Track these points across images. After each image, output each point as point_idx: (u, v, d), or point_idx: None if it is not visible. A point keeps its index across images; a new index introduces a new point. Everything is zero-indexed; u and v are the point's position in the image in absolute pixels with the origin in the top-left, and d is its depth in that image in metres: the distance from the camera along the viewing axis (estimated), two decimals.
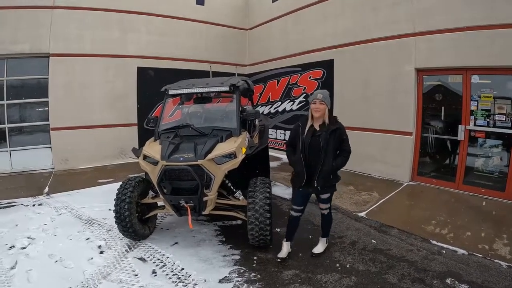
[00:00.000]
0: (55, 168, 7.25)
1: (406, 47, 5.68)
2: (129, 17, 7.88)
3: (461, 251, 3.85)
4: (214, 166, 3.76)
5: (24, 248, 4.16)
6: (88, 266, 3.72)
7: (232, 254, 3.96)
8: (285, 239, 3.83)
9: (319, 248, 3.92)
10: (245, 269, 3.63)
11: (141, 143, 7.98)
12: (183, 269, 3.65)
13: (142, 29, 8.09)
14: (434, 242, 4.10)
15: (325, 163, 3.39)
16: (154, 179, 3.91)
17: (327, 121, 3.42)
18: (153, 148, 4.09)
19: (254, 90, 5.45)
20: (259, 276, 3.46)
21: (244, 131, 4.45)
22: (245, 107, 5.00)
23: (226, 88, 4.43)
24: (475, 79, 5.17)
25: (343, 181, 6.14)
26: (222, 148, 3.89)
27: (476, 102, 5.21)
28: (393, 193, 5.56)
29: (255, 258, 3.82)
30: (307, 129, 3.47)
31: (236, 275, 3.49)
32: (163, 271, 3.63)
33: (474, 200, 4.98)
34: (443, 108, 5.67)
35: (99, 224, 4.88)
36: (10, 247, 4.19)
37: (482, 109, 5.17)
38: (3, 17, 6.65)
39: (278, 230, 4.50)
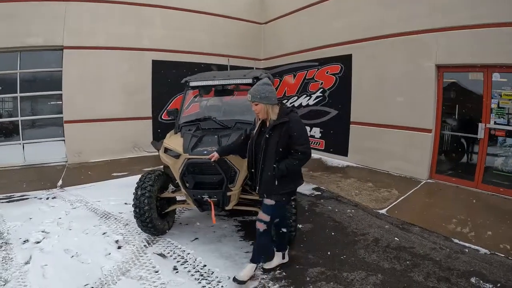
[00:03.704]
0: (68, 161, 6.94)
1: (426, 43, 5.36)
2: (143, 10, 7.52)
3: (483, 250, 3.68)
4: (239, 160, 3.48)
5: (38, 242, 3.89)
6: (106, 262, 3.46)
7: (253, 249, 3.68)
8: (250, 260, 3.17)
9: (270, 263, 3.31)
10: None
11: (155, 136, 7.73)
12: (205, 265, 3.39)
13: (157, 22, 7.73)
14: (456, 240, 3.92)
15: (265, 166, 2.82)
16: (175, 172, 3.63)
17: (272, 117, 2.80)
18: (174, 141, 3.81)
19: (274, 83, 5.16)
20: (284, 273, 3.24)
21: None
22: None
23: (249, 81, 4.13)
24: (496, 77, 4.88)
25: (361, 177, 6.08)
26: None
27: (497, 100, 4.92)
28: (412, 190, 5.27)
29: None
30: (257, 125, 2.96)
31: (261, 272, 3.25)
32: (185, 267, 3.37)
33: (493, 199, 4.71)
34: (463, 105, 5.38)
35: (116, 218, 4.60)
36: (24, 241, 3.92)
37: (503, 107, 4.88)
38: (16, 9, 6.34)
39: (300, 226, 4.22)
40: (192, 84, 4.26)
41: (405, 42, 5.68)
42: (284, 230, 3.30)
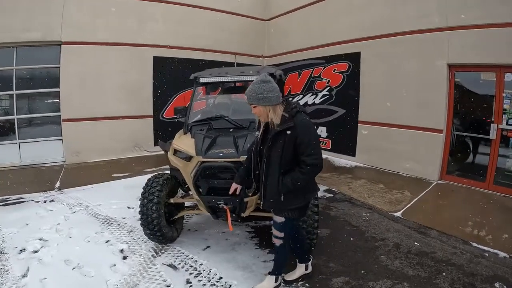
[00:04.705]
0: (66, 161, 6.43)
1: (438, 41, 5.04)
2: (145, 5, 7.01)
3: (502, 254, 3.46)
4: None
5: (36, 252, 3.45)
6: (111, 275, 3.04)
7: (273, 260, 3.27)
8: (268, 272, 2.82)
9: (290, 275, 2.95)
10: None
11: (157, 136, 7.28)
12: (221, 278, 3.00)
13: (158, 17, 7.22)
14: (475, 244, 3.69)
15: (269, 180, 2.37)
16: (187, 177, 3.20)
17: (275, 121, 2.29)
18: (184, 142, 3.38)
19: (284, 80, 4.72)
20: (307, 284, 2.91)
21: None
22: None
23: None
24: (508, 77, 4.60)
25: (372, 178, 5.70)
26: None
27: (509, 101, 4.63)
28: (424, 192, 4.96)
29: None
30: (261, 130, 2.46)
31: (283, 284, 2.88)
32: (199, 280, 2.97)
33: (506, 201, 4.44)
34: (474, 106, 5.08)
35: (119, 224, 4.16)
36: (21, 250, 3.48)
37: None
38: (12, 4, 5.80)
39: (318, 231, 3.84)
40: (202, 80, 3.79)
41: (416, 41, 5.34)
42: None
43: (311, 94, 7.57)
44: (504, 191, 4.58)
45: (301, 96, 7.84)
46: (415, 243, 3.70)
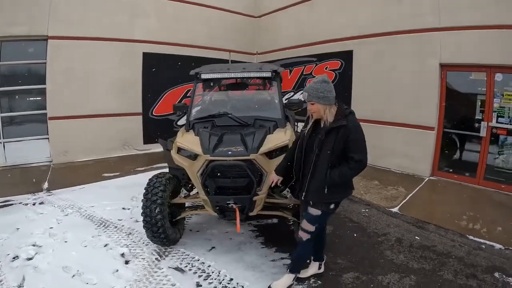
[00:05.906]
0: (53, 161, 6.04)
1: (430, 41, 5.08)
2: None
3: (497, 245, 3.58)
4: (267, 161, 2.99)
5: (30, 259, 3.18)
6: (115, 281, 2.84)
7: (281, 258, 3.25)
8: (288, 270, 2.79)
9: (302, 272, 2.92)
10: None
11: (146, 134, 7.01)
12: (232, 279, 2.88)
13: (150, 13, 6.89)
14: (471, 237, 3.79)
15: (316, 172, 2.44)
16: (193, 176, 3.06)
17: (329, 119, 2.38)
18: (188, 140, 3.22)
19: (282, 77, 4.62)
20: (319, 282, 2.89)
21: (287, 122, 3.63)
22: None
23: (268, 74, 3.60)
24: (498, 77, 4.71)
25: (366, 175, 5.57)
26: (273, 140, 3.10)
27: (499, 99, 4.75)
28: (417, 188, 5.01)
29: (308, 261, 3.08)
30: (309, 125, 2.55)
31: (295, 282, 2.82)
32: (210, 283, 2.84)
33: (496, 195, 4.57)
34: (465, 104, 5.15)
35: (116, 227, 3.94)
36: (14, 257, 3.20)
37: (504, 107, 4.71)
38: None
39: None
40: (204, 76, 3.63)
41: (409, 40, 5.36)
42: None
43: (302, 91, 7.45)
44: (494, 186, 4.70)
45: (292, 93, 7.74)
46: (416, 237, 3.76)
